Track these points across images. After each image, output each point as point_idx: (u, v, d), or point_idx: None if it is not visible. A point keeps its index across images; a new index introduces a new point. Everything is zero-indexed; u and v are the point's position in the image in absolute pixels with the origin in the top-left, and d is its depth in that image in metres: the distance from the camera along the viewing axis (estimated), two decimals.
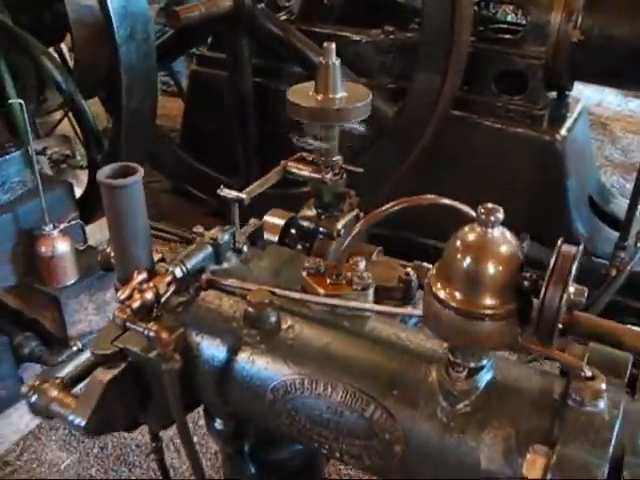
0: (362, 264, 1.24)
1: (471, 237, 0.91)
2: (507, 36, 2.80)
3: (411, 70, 2.76)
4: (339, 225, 1.45)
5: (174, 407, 1.13)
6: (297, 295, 1.15)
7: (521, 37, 2.77)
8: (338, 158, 1.45)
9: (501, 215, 0.93)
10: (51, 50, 2.68)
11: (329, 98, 1.36)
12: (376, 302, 1.21)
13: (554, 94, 2.85)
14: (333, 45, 1.36)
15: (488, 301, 0.92)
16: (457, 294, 0.93)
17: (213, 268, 1.24)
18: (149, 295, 1.14)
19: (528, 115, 2.81)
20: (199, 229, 1.28)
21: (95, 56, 2.36)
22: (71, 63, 2.72)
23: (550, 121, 2.81)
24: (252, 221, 1.42)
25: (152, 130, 2.45)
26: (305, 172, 1.43)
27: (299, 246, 1.48)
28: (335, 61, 1.35)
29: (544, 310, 0.90)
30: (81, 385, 1.22)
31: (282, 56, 2.96)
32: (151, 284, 1.15)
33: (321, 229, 1.46)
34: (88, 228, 2.51)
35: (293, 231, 1.48)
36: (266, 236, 1.45)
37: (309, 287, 1.18)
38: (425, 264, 1.37)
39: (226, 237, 1.26)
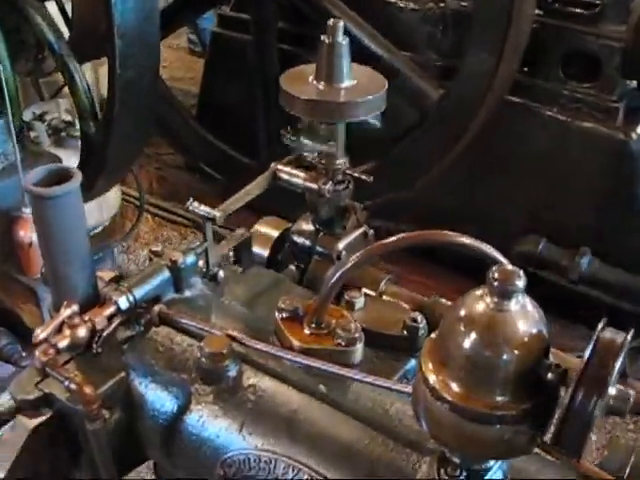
0: (359, 301, 1.17)
1: (479, 309, 0.77)
2: (580, 11, 2.56)
3: (463, 46, 2.56)
4: (340, 245, 1.33)
5: (104, 472, 1.01)
6: (262, 347, 1.03)
7: (597, 13, 2.53)
8: (342, 162, 1.31)
9: (522, 282, 0.76)
10: (50, 4, 2.55)
11: (333, 88, 1.22)
12: (374, 350, 1.11)
13: (633, 84, 2.61)
14: (341, 23, 1.20)
15: (497, 397, 0.76)
16: (454, 385, 0.77)
17: (171, 297, 1.13)
18: (82, 332, 1.03)
19: (600, 107, 2.57)
20: (157, 247, 1.16)
21: (92, 15, 2.23)
22: None
23: (626, 116, 2.56)
24: (239, 232, 1.32)
25: (151, 104, 2.31)
26: (298, 180, 1.29)
27: (292, 266, 1.38)
28: (342, 41, 1.20)
29: (570, 418, 0.72)
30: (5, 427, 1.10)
31: (312, 20, 2.80)
32: (86, 317, 1.04)
33: (318, 248, 1.35)
34: None
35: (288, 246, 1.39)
36: (255, 250, 1.35)
37: (282, 335, 1.07)
38: (444, 301, 1.24)
39: (189, 260, 1.15)
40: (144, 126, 2.42)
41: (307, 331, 1.05)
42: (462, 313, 0.78)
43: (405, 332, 1.15)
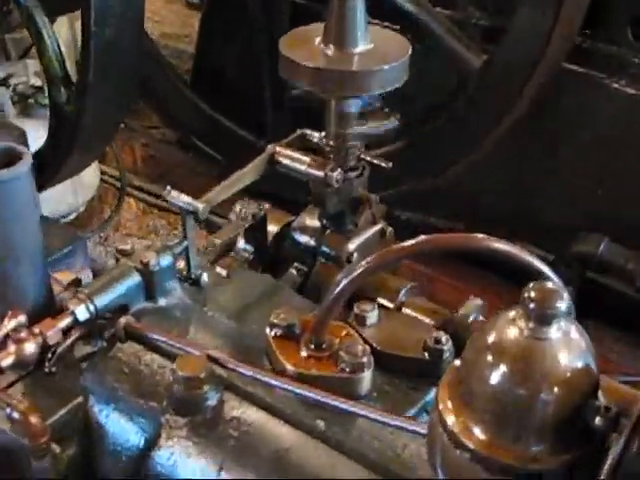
0: (371, 316, 1.16)
1: (511, 336, 0.75)
2: None
3: (511, 1, 2.50)
4: (351, 246, 1.35)
5: None
6: (249, 371, 1.01)
7: None
8: (355, 144, 1.32)
9: (565, 304, 0.74)
10: None
11: (344, 53, 1.23)
12: (387, 377, 1.12)
13: None
14: None
15: (531, 447, 0.74)
16: (478, 429, 0.76)
17: (141, 307, 1.14)
18: (30, 347, 1.02)
19: None
20: (126, 245, 1.16)
21: None
22: None
23: None
24: (226, 227, 1.35)
25: (135, 67, 2.28)
26: (301, 165, 1.29)
27: (293, 270, 1.40)
28: None
29: (623, 474, 0.70)
30: None
31: None
32: (36, 330, 1.03)
33: (324, 249, 1.37)
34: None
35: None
36: (248, 247, 1.38)
37: (274, 357, 1.06)
38: (473, 319, 1.25)
39: (164, 261, 1.15)
40: (126, 94, 2.38)
41: (304, 353, 1.04)
42: (490, 340, 0.76)
43: (426, 355, 1.14)
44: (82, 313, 1.05)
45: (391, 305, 1.31)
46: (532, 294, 0.73)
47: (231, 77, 3.25)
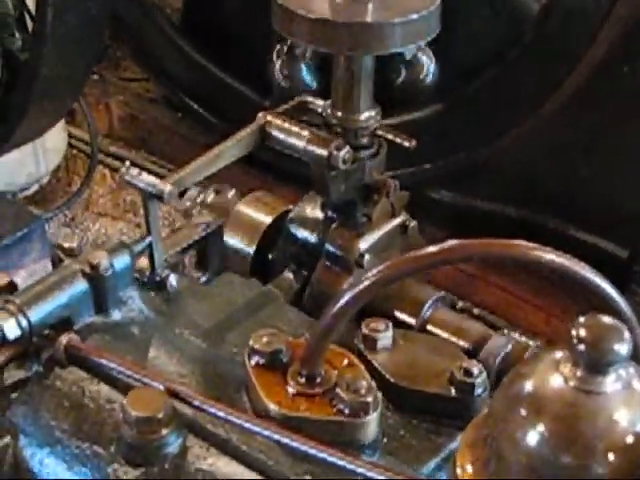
0: (383, 337, 1.14)
1: (554, 386, 0.74)
2: None
3: None
4: (362, 244, 1.35)
5: None
6: (221, 411, 1.00)
7: None
8: (368, 115, 1.31)
9: (625, 346, 0.71)
10: None
11: (357, 1, 1.24)
12: (403, 417, 1.10)
13: None
14: None
15: None
16: None
17: (88, 322, 1.14)
18: None
19: None
20: (70, 242, 1.16)
21: None
22: None
23: None
24: (202, 216, 1.35)
25: (105, 6, 2.25)
26: (298, 141, 1.29)
27: (287, 273, 1.41)
28: None
29: None
30: None
31: None
32: None
33: (329, 248, 1.37)
34: None
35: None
36: (234, 244, 1.41)
37: (254, 393, 1.04)
38: (517, 338, 1.29)
39: (120, 263, 1.14)
40: (96, 38, 2.38)
41: (292, 389, 1.01)
42: (527, 389, 0.75)
43: (453, 390, 1.11)
44: (12, 329, 1.05)
45: (412, 322, 1.32)
46: (582, 332, 0.71)
47: (230, 19, 3.23)
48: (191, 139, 3.24)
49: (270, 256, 1.41)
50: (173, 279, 1.20)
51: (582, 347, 0.70)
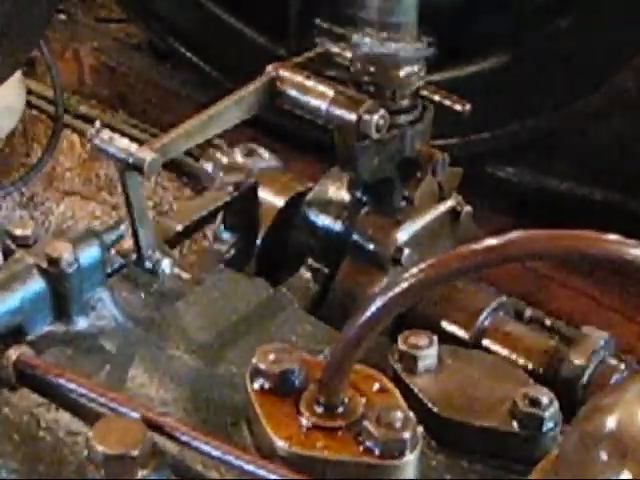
0: (426, 355, 1.16)
1: None
2: None
3: None
4: (400, 235, 1.37)
5: None
6: (214, 448, 1.00)
7: None
8: (411, 70, 1.32)
9: None
10: None
11: None
12: (451, 456, 1.12)
13: None
14: None
15: None
16: None
17: (45, 331, 1.16)
18: None
19: None
20: (23, 229, 1.18)
21: None
22: None
23: None
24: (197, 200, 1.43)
25: None
26: (318, 101, 1.30)
27: (304, 271, 1.42)
28: None
29: None
30: None
31: None
32: None
33: (357, 238, 1.39)
34: None
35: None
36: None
37: (257, 425, 1.05)
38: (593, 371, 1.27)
39: (87, 257, 1.16)
40: None
41: (306, 420, 1.02)
42: (608, 426, 0.75)
43: (515, 424, 1.12)
44: None
45: (464, 335, 1.32)
46: None
47: None
48: (184, 97, 3.26)
49: (282, 249, 1.43)
50: (167, 265, 1.22)
51: None
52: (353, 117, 1.26)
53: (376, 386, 1.06)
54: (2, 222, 2.85)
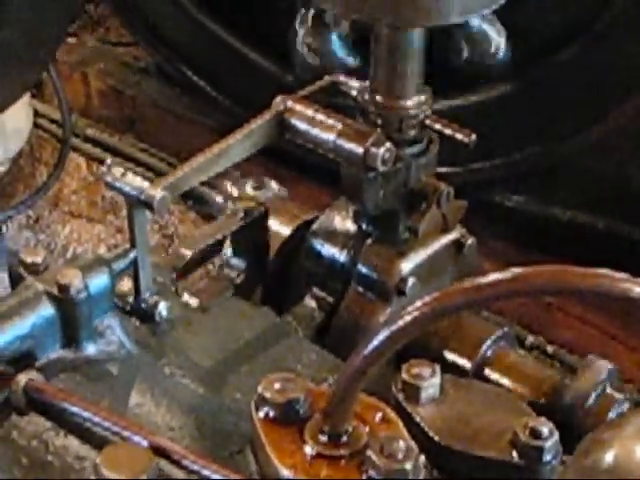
0: (428, 385, 1.15)
1: None
2: None
3: None
4: (404, 266, 1.37)
5: None
6: (219, 475, 1.00)
7: None
8: (417, 101, 1.33)
9: None
10: None
11: None
12: None
13: None
14: None
15: None
16: None
17: (54, 358, 1.16)
18: None
19: None
20: (34, 256, 1.19)
21: None
22: None
23: None
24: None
25: None
26: (325, 134, 1.30)
27: (309, 300, 1.42)
28: None
29: None
30: None
31: None
32: None
33: (362, 269, 1.38)
34: None
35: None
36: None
37: (262, 454, 1.05)
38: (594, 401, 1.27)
39: (96, 284, 1.16)
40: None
41: (311, 449, 1.02)
42: (607, 460, 0.76)
43: (515, 455, 1.12)
44: None
45: (467, 365, 1.32)
46: None
47: None
48: (192, 121, 3.25)
49: (287, 278, 1.43)
50: (163, 308, 1.22)
51: None
52: (360, 150, 1.26)
53: (379, 416, 1.06)
54: (8, 244, 2.85)
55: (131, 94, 3.51)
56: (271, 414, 1.05)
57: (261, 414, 1.05)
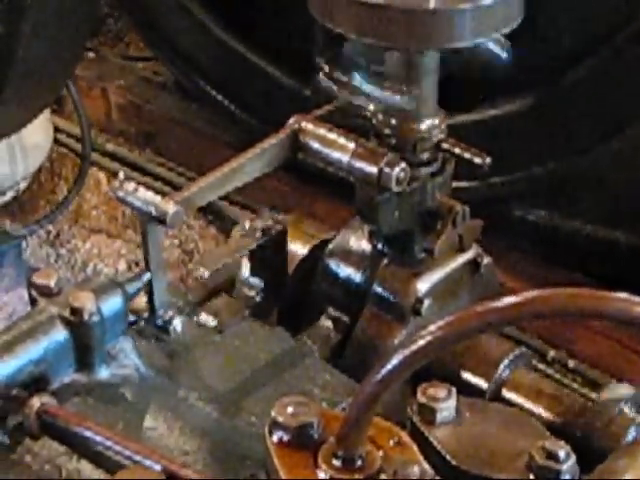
0: (444, 407, 1.15)
1: None
2: None
3: None
4: (420, 286, 1.37)
5: None
6: None
7: None
8: (431, 124, 1.33)
9: None
10: None
11: None
12: None
13: None
14: None
15: None
16: None
17: (67, 381, 1.15)
18: None
19: None
20: (47, 279, 1.16)
21: None
22: None
23: None
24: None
25: None
26: (340, 154, 1.30)
27: (325, 320, 1.42)
28: None
29: None
30: None
31: None
32: None
33: (377, 289, 1.39)
34: None
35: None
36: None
37: (276, 478, 1.04)
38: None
39: (110, 307, 1.15)
40: (87, 8, 2.41)
41: (324, 474, 1.01)
42: None
43: (531, 477, 1.11)
44: None
45: (483, 386, 1.32)
46: None
47: None
48: (210, 136, 3.24)
49: (303, 298, 1.43)
50: (178, 323, 1.22)
51: None
52: (374, 170, 1.27)
53: (394, 440, 1.05)
54: (29, 260, 2.85)
55: (150, 109, 3.51)
56: (285, 438, 1.04)
57: (274, 438, 1.04)
